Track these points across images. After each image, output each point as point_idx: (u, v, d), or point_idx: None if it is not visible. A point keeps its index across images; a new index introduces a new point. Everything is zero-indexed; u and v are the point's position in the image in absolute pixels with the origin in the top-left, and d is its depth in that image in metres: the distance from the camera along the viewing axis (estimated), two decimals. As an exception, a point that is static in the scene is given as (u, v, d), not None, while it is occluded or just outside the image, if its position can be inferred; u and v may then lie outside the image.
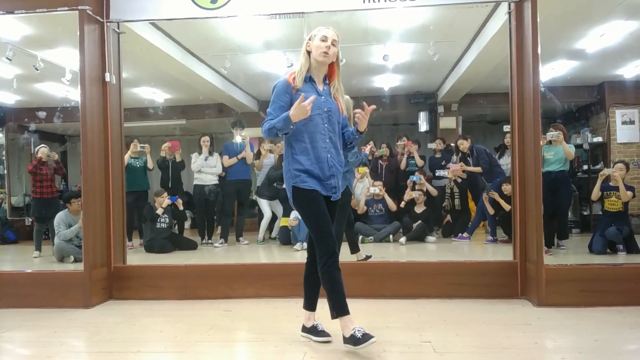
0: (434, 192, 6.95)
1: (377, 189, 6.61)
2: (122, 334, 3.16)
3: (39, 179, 6.15)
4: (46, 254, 5.83)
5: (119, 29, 4.28)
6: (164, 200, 6.29)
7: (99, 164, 4.09)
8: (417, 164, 7.23)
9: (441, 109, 9.20)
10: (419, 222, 6.46)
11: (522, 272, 3.85)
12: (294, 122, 2.58)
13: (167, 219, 6.31)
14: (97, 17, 4.07)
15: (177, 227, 6.80)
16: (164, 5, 4.21)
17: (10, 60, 5.36)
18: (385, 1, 3.97)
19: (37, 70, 5.66)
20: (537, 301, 3.60)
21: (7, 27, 4.95)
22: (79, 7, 3.89)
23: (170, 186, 6.92)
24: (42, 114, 7.73)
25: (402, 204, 6.74)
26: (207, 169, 6.68)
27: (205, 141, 6.71)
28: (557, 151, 5.26)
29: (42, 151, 6.18)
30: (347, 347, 2.59)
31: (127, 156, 6.28)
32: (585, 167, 8.00)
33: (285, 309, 3.63)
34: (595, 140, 8.06)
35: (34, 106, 8.04)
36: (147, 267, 4.46)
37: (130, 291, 4.12)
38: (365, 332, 2.53)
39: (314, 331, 2.86)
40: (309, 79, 2.74)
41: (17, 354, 2.94)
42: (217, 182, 6.78)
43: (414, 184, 6.74)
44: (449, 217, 7.16)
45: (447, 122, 9.15)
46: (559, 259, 4.84)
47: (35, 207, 6.30)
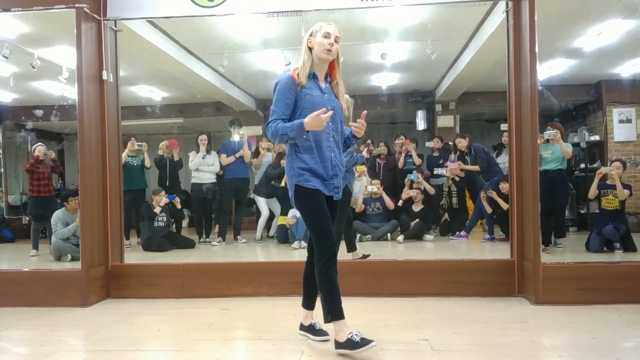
0: (432, 190, 6.96)
1: (375, 187, 6.62)
2: (119, 332, 3.16)
3: (36, 178, 6.14)
4: (43, 253, 5.81)
5: (116, 27, 4.26)
6: (162, 198, 6.28)
7: (96, 162, 4.08)
8: (415, 162, 7.24)
9: (439, 108, 9.21)
10: (417, 220, 6.47)
11: (520, 270, 3.86)
12: (307, 131, 2.50)
13: (165, 218, 6.31)
14: (94, 15, 4.06)
15: (174, 225, 6.80)
16: (161, 3, 4.20)
17: (6, 58, 5.33)
18: (383, -1, 3.97)
19: (34, 68, 5.63)
20: (534, 299, 3.61)
21: (3, 24, 4.93)
22: (76, 5, 3.87)
23: (167, 185, 6.90)
24: (39, 112, 7.71)
25: (400, 203, 6.74)
26: (205, 168, 6.67)
27: (202, 140, 6.70)
28: (555, 150, 5.27)
29: (39, 150, 6.17)
30: (341, 352, 2.54)
31: (124, 154, 6.27)
32: (582, 165, 8.02)
33: (283, 308, 3.63)
34: (592, 138, 8.07)
35: (31, 104, 8.02)
36: (145, 266, 4.46)
37: (127, 290, 4.12)
38: (363, 337, 2.49)
39: (311, 330, 2.86)
40: (313, 76, 2.67)
41: (15, 353, 2.93)
42: (214, 180, 6.77)
43: (412, 182, 6.75)
44: (446, 216, 7.16)
45: (445, 121, 9.15)
46: (556, 257, 4.86)
47: (32, 206, 6.29)
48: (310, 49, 2.67)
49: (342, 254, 4.40)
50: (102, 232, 4.12)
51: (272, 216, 6.91)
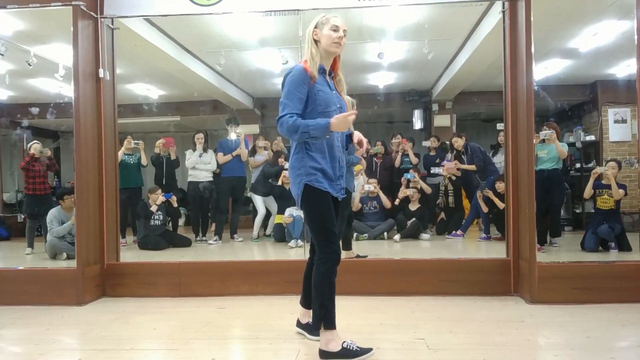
0: (428, 189, 6.98)
1: (372, 186, 6.63)
2: (115, 331, 3.15)
3: (31, 176, 6.12)
4: (38, 251, 5.79)
5: (113, 24, 4.25)
6: (158, 197, 6.26)
7: (92, 160, 4.07)
8: (412, 161, 7.25)
9: (435, 107, 9.23)
10: (413, 219, 6.48)
11: (515, 270, 3.87)
12: (331, 131, 2.39)
13: (161, 216, 6.29)
14: (91, 13, 4.05)
15: (171, 224, 6.78)
16: (158, 1, 4.19)
17: (2, 55, 5.30)
18: (380, -1, 3.98)
19: (30, 65, 5.61)
20: (529, 298, 3.62)
21: (-1, 22, 4.91)
22: (73, 3, 3.86)
23: (164, 183, 6.90)
24: (35, 110, 7.67)
25: (397, 202, 6.76)
26: (202, 166, 6.66)
27: (199, 138, 6.69)
28: (550, 149, 5.29)
29: (35, 147, 6.14)
30: None
31: (120, 152, 6.25)
32: (578, 165, 8.05)
33: (279, 307, 3.63)
34: (587, 138, 8.11)
35: (26, 102, 7.99)
36: (141, 264, 4.45)
37: (123, 288, 4.11)
38: (359, 345, 2.45)
39: (309, 328, 2.85)
40: (322, 71, 2.54)
41: (9, 352, 2.92)
42: (211, 179, 6.76)
43: (408, 181, 6.77)
44: (443, 215, 7.17)
45: (442, 120, 9.17)
46: (551, 257, 4.87)
47: (27, 204, 6.26)
48: (315, 42, 2.53)
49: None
50: (97, 230, 4.11)
51: (268, 215, 6.91)
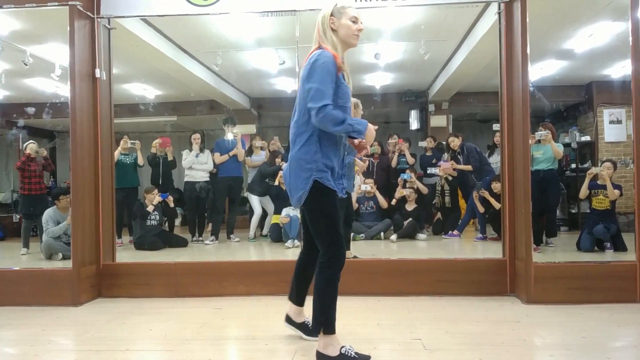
0: (425, 190, 6.99)
1: (369, 186, 6.64)
2: (111, 332, 3.15)
3: (27, 176, 6.10)
4: (34, 251, 5.78)
5: (109, 24, 4.24)
6: (155, 197, 6.25)
7: (88, 160, 4.06)
8: (408, 161, 7.26)
9: (432, 108, 9.25)
10: (410, 219, 6.50)
11: (511, 270, 3.88)
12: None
13: (158, 216, 6.28)
14: (88, 13, 4.04)
15: (167, 224, 6.77)
16: (155, 1, 4.19)
17: (-2, 55, 5.30)
18: (376, 0, 3.98)
19: (26, 65, 5.59)
20: (526, 298, 3.63)
21: (-5, 21, 4.89)
22: (69, 3, 3.85)
23: (160, 183, 6.88)
24: (31, 110, 7.64)
25: (393, 202, 6.77)
26: (198, 166, 6.65)
27: (195, 139, 6.68)
28: (546, 150, 5.31)
29: (31, 147, 6.13)
30: None
31: (117, 152, 6.24)
32: (573, 165, 8.08)
33: (276, 307, 3.62)
34: (583, 139, 8.13)
35: (22, 102, 7.95)
36: (137, 265, 4.43)
37: (119, 289, 4.10)
38: (357, 352, 2.41)
39: (306, 329, 2.82)
40: (342, 62, 2.39)
41: (4, 353, 2.91)
42: (208, 179, 6.76)
43: (405, 181, 6.78)
44: (439, 215, 7.20)
45: (438, 121, 9.19)
46: (547, 257, 4.89)
47: (23, 204, 6.24)
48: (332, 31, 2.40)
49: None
50: (93, 230, 4.10)
51: (264, 215, 6.90)
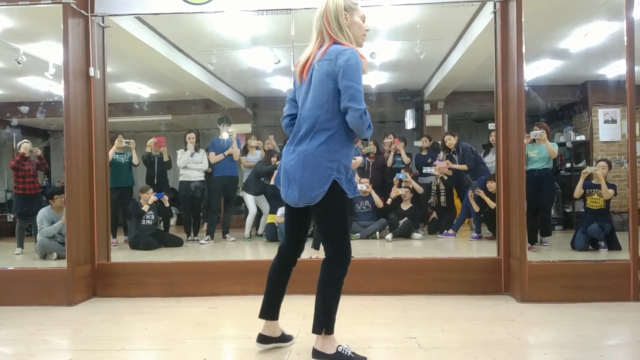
0: (420, 189, 7.00)
1: (364, 185, 6.64)
2: (106, 331, 3.13)
3: (21, 175, 6.07)
4: (28, 251, 5.75)
5: (103, 23, 4.22)
6: (150, 197, 6.24)
7: (82, 159, 4.03)
8: (404, 161, 7.27)
9: (427, 107, 9.27)
10: (405, 219, 6.51)
11: (506, 269, 3.89)
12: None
13: (153, 216, 6.27)
14: (82, 11, 4.01)
15: (162, 223, 6.76)
16: (149, -1, 4.17)
17: (-9, 53, 5.27)
18: (372, -1, 3.98)
19: (20, 64, 5.57)
20: (520, 297, 3.64)
21: (-12, 19, 4.87)
22: (63, 1, 3.82)
23: (155, 182, 6.87)
24: (24, 109, 7.62)
25: (389, 201, 6.78)
26: (193, 165, 6.64)
27: (190, 138, 6.66)
28: (541, 149, 5.33)
29: (25, 146, 6.10)
30: None
31: (111, 152, 6.22)
32: (568, 165, 8.12)
33: (271, 306, 3.62)
34: (578, 138, 8.18)
35: (16, 100, 7.93)
36: (132, 264, 4.42)
37: (114, 289, 4.08)
38: (354, 352, 2.40)
39: (283, 338, 2.67)
40: None
41: (-1, 352, 2.90)
42: (203, 178, 6.74)
43: (400, 181, 6.79)
44: (434, 214, 7.21)
45: (434, 120, 9.22)
46: (542, 256, 4.91)
47: (17, 204, 6.21)
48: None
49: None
50: (88, 230, 4.08)
51: (260, 214, 6.90)
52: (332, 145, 2.30)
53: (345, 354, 2.38)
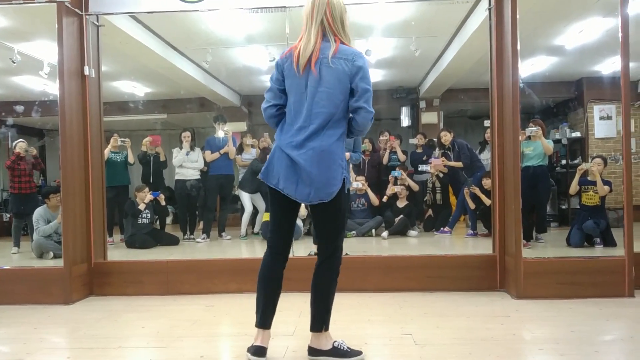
0: (416, 187, 7.01)
1: (360, 183, 6.65)
2: (103, 330, 3.14)
3: (17, 174, 6.05)
4: (25, 250, 5.73)
5: (98, 21, 4.21)
6: (146, 195, 6.23)
7: (78, 158, 4.03)
8: (400, 158, 7.28)
9: (423, 104, 9.27)
10: (401, 216, 6.52)
11: (501, 265, 3.91)
12: None
13: (149, 214, 6.26)
14: (76, 10, 4.00)
15: (158, 222, 6.75)
16: (144, -2, 4.16)
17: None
18: (367, -4, 3.99)
19: (14, 63, 5.55)
20: (515, 293, 3.66)
21: (-18, 18, 4.84)
22: (57, 0, 3.82)
23: (151, 181, 6.85)
24: (19, 108, 7.58)
25: (385, 199, 6.79)
26: (189, 164, 6.63)
27: (186, 137, 6.65)
28: (536, 146, 5.34)
29: (20, 146, 6.08)
30: (323, 359, 2.42)
31: (107, 151, 6.20)
32: (563, 161, 8.14)
33: (268, 304, 3.62)
34: (573, 135, 8.20)
35: (11, 100, 7.88)
36: (128, 263, 4.42)
37: (111, 287, 4.09)
38: (350, 347, 2.42)
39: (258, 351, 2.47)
40: None
41: (-5, 352, 2.90)
42: (199, 177, 6.74)
43: (396, 179, 6.80)
44: (430, 212, 7.23)
45: (429, 117, 9.22)
46: (537, 252, 4.93)
47: (13, 203, 6.20)
48: None
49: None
50: (84, 229, 4.08)
51: (256, 212, 6.90)
52: (342, 143, 2.36)
53: (341, 349, 2.40)
